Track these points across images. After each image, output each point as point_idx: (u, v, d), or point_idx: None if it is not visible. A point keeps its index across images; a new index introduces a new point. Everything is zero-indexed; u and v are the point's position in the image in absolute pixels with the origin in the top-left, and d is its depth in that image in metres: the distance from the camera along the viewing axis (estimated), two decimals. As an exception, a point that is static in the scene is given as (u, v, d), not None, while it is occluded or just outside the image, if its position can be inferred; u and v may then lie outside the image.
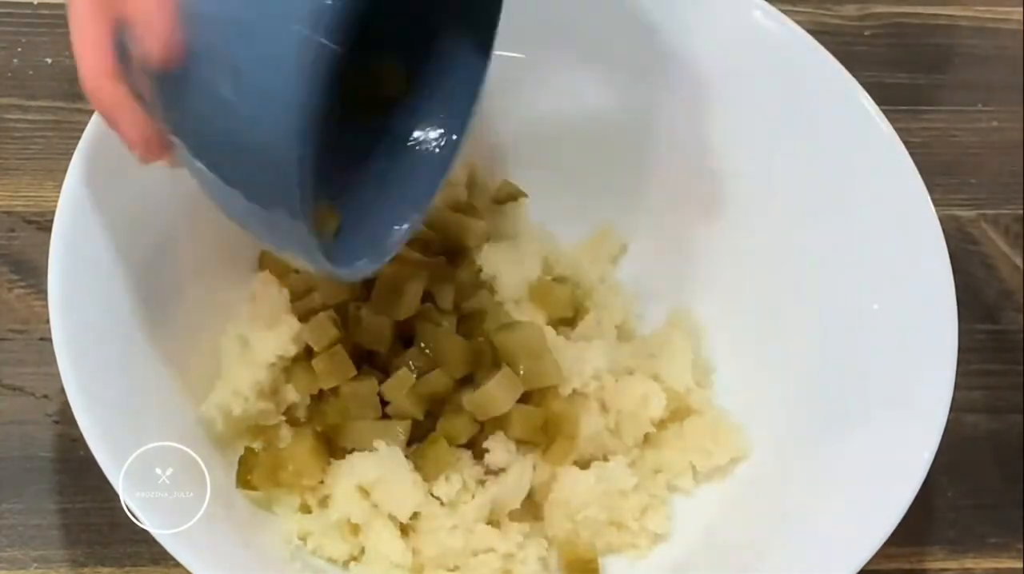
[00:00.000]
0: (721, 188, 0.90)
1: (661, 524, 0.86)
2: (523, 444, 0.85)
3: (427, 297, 0.86)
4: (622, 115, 0.91)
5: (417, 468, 0.82)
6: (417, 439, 0.84)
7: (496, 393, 0.82)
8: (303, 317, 0.85)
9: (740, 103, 0.88)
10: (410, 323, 0.85)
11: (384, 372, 0.84)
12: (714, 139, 0.89)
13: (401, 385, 0.83)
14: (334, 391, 0.84)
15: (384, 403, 0.84)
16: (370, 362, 0.86)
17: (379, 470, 0.81)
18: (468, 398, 0.83)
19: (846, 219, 0.85)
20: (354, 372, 0.83)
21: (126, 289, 0.78)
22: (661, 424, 0.88)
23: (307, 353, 0.84)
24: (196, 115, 0.61)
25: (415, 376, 0.83)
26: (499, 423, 0.84)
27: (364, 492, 0.82)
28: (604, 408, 0.86)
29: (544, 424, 0.85)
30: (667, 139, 0.91)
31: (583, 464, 0.86)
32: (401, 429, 0.83)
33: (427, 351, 0.84)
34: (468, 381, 0.84)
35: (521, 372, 0.83)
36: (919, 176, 0.82)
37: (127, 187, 0.79)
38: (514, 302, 0.89)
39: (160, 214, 0.82)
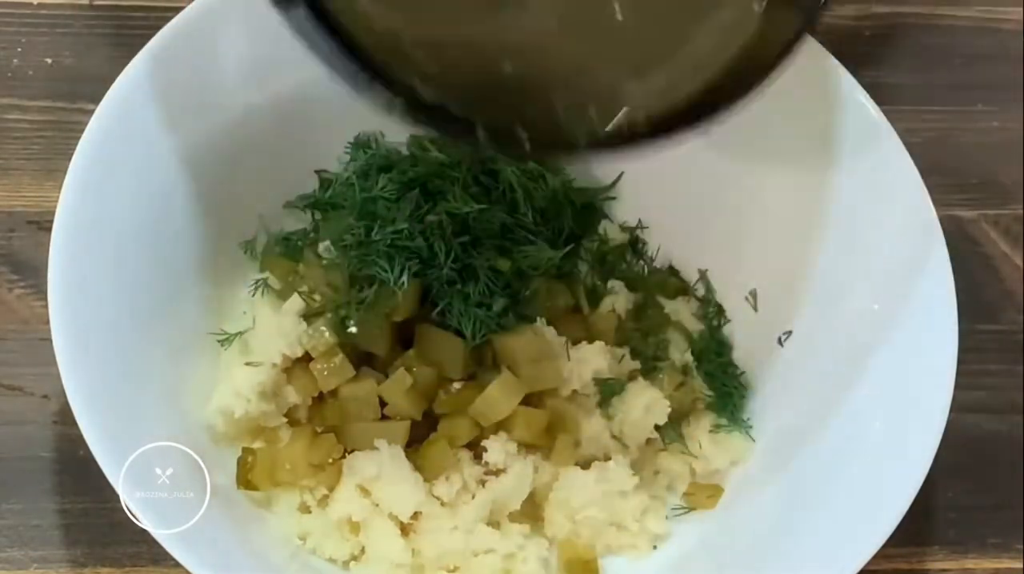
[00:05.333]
0: (720, 188, 0.90)
1: (661, 525, 0.86)
2: (526, 446, 0.85)
3: (425, 298, 0.86)
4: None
5: (418, 468, 0.82)
6: (417, 440, 0.84)
7: (498, 397, 0.82)
8: (304, 319, 0.85)
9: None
10: (410, 325, 0.85)
11: (384, 373, 0.85)
12: (713, 139, 0.89)
13: (399, 386, 0.83)
14: (334, 393, 0.84)
15: (383, 404, 0.84)
16: (370, 363, 0.86)
17: (380, 469, 0.81)
18: (471, 405, 0.83)
19: (846, 219, 0.84)
20: (352, 374, 0.83)
21: (126, 289, 0.79)
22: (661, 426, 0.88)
23: (307, 355, 0.84)
24: None
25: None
26: (502, 426, 0.84)
27: (365, 491, 0.82)
28: (608, 415, 0.86)
29: (547, 426, 0.85)
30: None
31: (584, 465, 0.86)
32: (400, 429, 0.83)
33: (426, 352, 0.84)
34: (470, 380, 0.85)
35: (522, 375, 0.83)
36: (919, 176, 0.82)
37: (127, 187, 0.79)
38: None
39: (161, 215, 0.82)
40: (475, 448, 0.85)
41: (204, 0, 0.82)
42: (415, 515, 0.82)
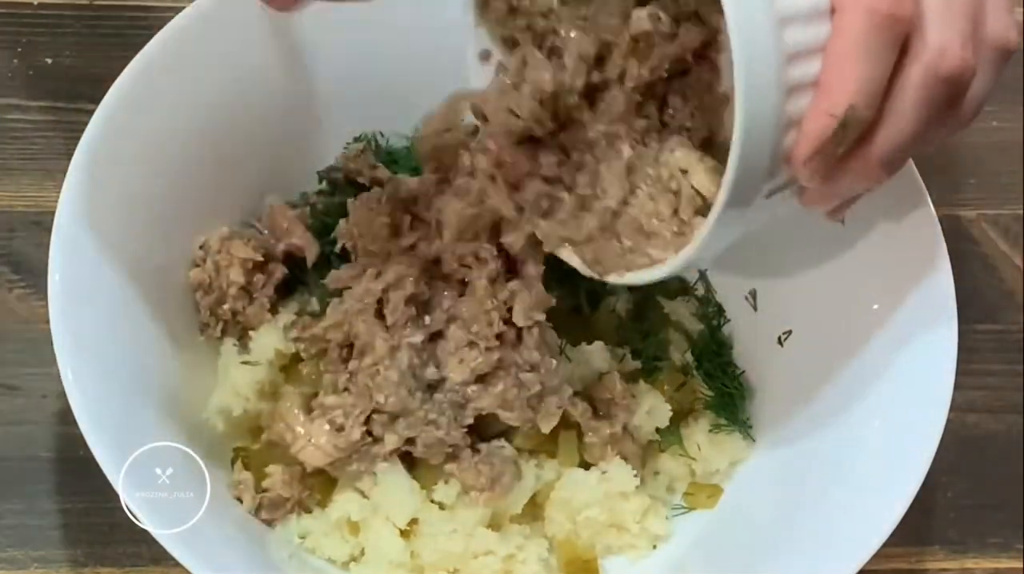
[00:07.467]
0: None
1: (661, 525, 0.86)
2: (528, 451, 0.85)
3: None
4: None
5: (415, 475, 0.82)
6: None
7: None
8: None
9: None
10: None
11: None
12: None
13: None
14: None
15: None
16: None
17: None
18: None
19: (846, 219, 0.84)
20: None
21: (126, 289, 0.79)
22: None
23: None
24: None
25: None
26: (502, 431, 0.84)
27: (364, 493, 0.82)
28: (609, 417, 0.86)
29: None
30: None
31: (585, 465, 0.86)
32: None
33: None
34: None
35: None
36: (919, 176, 0.82)
37: (126, 187, 0.79)
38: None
39: (160, 214, 0.82)
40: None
41: (204, 2, 0.82)
42: (414, 519, 0.81)
